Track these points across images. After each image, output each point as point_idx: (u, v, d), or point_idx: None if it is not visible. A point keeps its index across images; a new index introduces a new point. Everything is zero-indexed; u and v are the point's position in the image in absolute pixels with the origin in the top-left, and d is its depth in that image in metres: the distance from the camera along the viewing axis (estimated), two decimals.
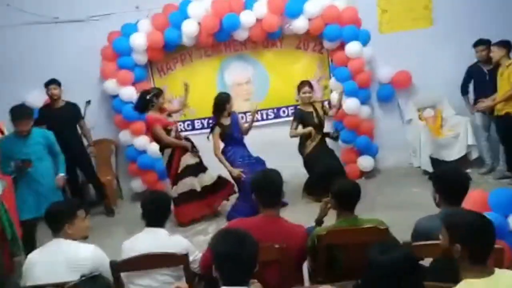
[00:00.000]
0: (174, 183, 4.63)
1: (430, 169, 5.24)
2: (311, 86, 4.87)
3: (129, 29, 5.33)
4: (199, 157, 4.71)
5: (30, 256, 2.46)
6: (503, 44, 4.62)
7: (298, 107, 4.95)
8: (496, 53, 4.63)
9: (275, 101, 5.73)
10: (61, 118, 4.84)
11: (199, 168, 4.67)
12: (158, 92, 4.61)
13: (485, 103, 4.84)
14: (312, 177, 4.86)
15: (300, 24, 5.21)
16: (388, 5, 5.57)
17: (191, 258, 2.47)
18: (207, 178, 4.69)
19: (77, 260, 2.34)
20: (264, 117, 5.77)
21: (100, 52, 5.40)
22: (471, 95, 5.26)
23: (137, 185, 5.57)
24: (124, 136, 5.49)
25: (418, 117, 5.63)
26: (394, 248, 1.59)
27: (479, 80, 5.05)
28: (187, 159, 4.61)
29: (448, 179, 2.35)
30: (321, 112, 4.87)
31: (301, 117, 4.83)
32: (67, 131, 4.82)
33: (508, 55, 4.61)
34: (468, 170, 5.21)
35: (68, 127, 4.93)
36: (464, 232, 1.71)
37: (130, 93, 5.34)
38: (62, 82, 5.39)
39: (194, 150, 4.67)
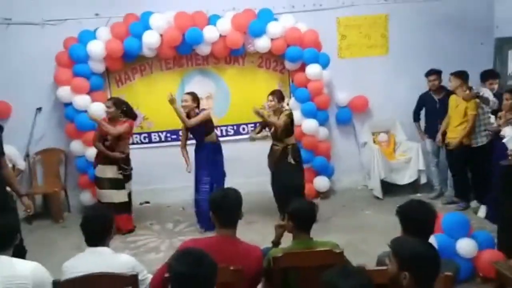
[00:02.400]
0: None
1: (379, 193, 5.39)
2: (275, 95, 4.69)
3: (87, 36, 5.16)
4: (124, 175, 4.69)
5: None
6: (459, 74, 4.81)
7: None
8: (454, 83, 4.79)
9: (236, 117, 5.72)
10: None
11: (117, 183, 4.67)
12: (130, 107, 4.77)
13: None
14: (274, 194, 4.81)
15: (262, 44, 5.26)
16: (347, 31, 5.76)
17: (139, 278, 2.35)
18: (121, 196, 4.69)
19: (15, 277, 2.16)
20: (224, 133, 5.73)
21: (54, 58, 5.17)
22: (422, 122, 5.49)
23: (87, 197, 5.32)
24: (76, 146, 5.25)
25: (372, 141, 5.80)
26: (353, 273, 1.59)
27: (430, 108, 5.29)
28: (106, 171, 4.64)
29: (415, 216, 2.26)
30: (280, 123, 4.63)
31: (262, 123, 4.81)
32: None
33: (465, 84, 4.75)
34: (418, 195, 5.44)
35: None
36: (412, 261, 1.75)
37: (84, 102, 5.14)
38: (12, 87, 5.14)
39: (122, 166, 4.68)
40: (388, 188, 5.50)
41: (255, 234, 4.05)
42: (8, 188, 3.44)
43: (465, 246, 3.34)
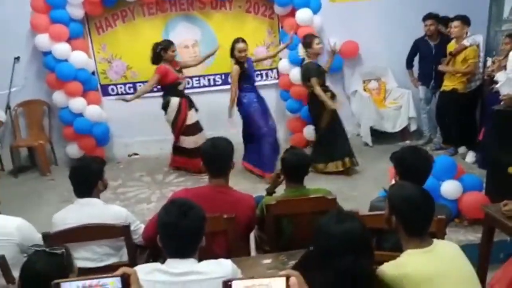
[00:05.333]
0: (182, 133, 4.69)
1: (368, 140, 5.40)
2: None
3: None
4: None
5: None
6: (466, 20, 4.61)
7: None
8: (459, 29, 4.59)
9: (224, 66, 5.53)
10: None
11: (199, 126, 4.76)
12: (166, 46, 4.53)
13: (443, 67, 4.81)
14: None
15: None
16: None
17: (131, 228, 2.32)
18: (201, 139, 4.57)
19: (1, 234, 2.11)
20: (212, 82, 5.58)
21: (30, 3, 4.85)
22: (415, 69, 5.40)
23: (73, 150, 5.21)
24: (58, 97, 5.06)
25: (363, 89, 5.72)
26: (348, 218, 1.57)
27: (425, 55, 5.17)
28: (193, 115, 4.70)
29: (410, 162, 2.21)
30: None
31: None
32: None
33: (466, 33, 4.64)
34: (407, 142, 5.47)
35: None
36: (399, 205, 1.76)
37: (64, 50, 4.90)
38: None
39: (194, 107, 4.75)
40: (378, 135, 5.51)
41: (248, 183, 4.08)
42: None
43: (450, 188, 3.41)
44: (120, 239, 2.31)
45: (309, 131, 5.48)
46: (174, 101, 4.59)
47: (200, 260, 1.72)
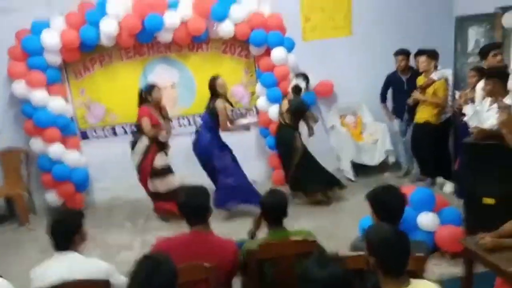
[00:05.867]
0: (153, 177, 4.59)
1: (350, 175, 5.48)
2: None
3: (40, 26, 4.87)
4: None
5: None
6: (433, 54, 4.84)
7: None
8: (426, 64, 4.81)
9: (202, 106, 5.58)
10: None
11: (170, 169, 4.70)
12: (150, 88, 4.59)
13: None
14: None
15: (226, 28, 5.14)
16: (311, 14, 5.72)
17: (112, 281, 2.27)
18: (171, 182, 4.64)
19: None
20: (192, 123, 5.61)
21: (6, 51, 4.87)
22: (389, 103, 5.57)
23: (52, 197, 5.11)
24: (36, 144, 5.01)
25: (340, 123, 5.85)
26: (330, 262, 1.60)
27: (397, 88, 5.36)
28: (163, 159, 4.64)
29: (384, 201, 2.27)
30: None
31: None
32: None
33: (435, 66, 4.85)
34: (386, 174, 5.57)
35: None
36: (375, 246, 1.80)
37: (42, 97, 4.90)
38: None
39: (165, 150, 4.72)
40: (358, 169, 5.59)
41: (229, 226, 4.04)
42: None
43: (426, 220, 3.46)
44: None
45: None
46: (143, 142, 4.54)
47: None
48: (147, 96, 4.56)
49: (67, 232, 2.33)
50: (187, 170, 4.82)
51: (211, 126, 4.66)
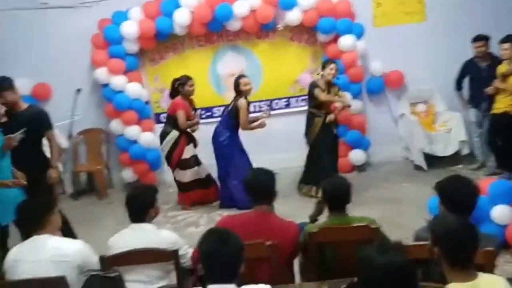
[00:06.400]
0: (180, 168, 4.71)
1: (423, 164, 5.28)
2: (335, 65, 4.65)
3: (120, 17, 5.23)
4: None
5: (11, 254, 2.39)
6: None
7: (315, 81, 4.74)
8: (510, 51, 4.49)
9: (268, 93, 5.70)
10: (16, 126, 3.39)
11: (197, 160, 4.80)
12: (184, 81, 4.61)
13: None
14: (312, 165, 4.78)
15: (294, 16, 5.15)
16: None
17: (180, 253, 2.45)
18: (202, 171, 4.82)
19: (63, 256, 2.30)
20: (257, 109, 5.72)
21: (90, 40, 5.30)
22: (465, 91, 5.26)
23: (128, 175, 5.52)
24: (115, 125, 5.42)
25: (410, 112, 5.64)
26: (392, 249, 1.59)
27: (474, 76, 5.03)
28: (191, 150, 4.72)
29: (454, 192, 2.18)
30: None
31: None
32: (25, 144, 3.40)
33: None
34: (459, 166, 5.29)
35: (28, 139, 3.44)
36: (441, 236, 1.75)
37: (121, 82, 5.27)
38: (52, 69, 5.31)
39: (194, 142, 4.81)
40: (428, 159, 5.36)
41: (290, 208, 4.11)
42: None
43: (501, 213, 3.29)
44: (170, 263, 2.44)
45: (355, 156, 5.46)
46: (173, 134, 4.62)
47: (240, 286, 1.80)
48: (180, 87, 4.59)
49: (142, 206, 2.55)
50: (252, 152, 4.89)
51: (230, 126, 4.68)
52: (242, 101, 4.57)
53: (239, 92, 4.61)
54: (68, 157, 5.65)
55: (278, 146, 5.46)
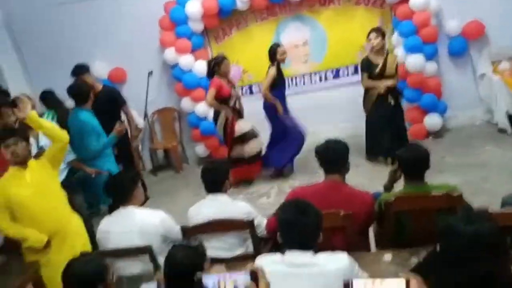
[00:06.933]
0: (239, 143, 4.71)
1: (508, 127, 4.88)
2: (378, 31, 4.51)
3: None
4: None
5: (102, 225, 2.63)
6: None
7: (366, 55, 4.64)
8: None
9: (334, 61, 5.54)
10: (99, 105, 4.07)
11: (251, 134, 4.74)
12: (220, 60, 4.57)
13: None
14: (372, 137, 4.70)
15: None
16: None
17: (254, 223, 2.53)
18: (257, 144, 4.80)
19: (149, 226, 2.49)
20: (323, 79, 5.62)
21: (157, 22, 5.48)
22: None
23: (201, 150, 5.75)
24: (185, 103, 5.63)
25: (492, 71, 5.18)
26: (479, 218, 1.51)
27: None
28: (244, 125, 4.71)
29: None
30: (390, 65, 4.52)
31: (367, 68, 4.53)
32: (104, 119, 3.99)
33: None
34: None
35: (107, 114, 4.10)
36: None
37: (189, 61, 5.43)
38: (122, 54, 5.60)
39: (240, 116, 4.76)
40: None
41: (361, 178, 4.04)
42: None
43: None
44: (246, 231, 2.54)
45: (430, 121, 5.18)
46: (222, 114, 4.60)
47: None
48: (216, 67, 4.52)
49: (218, 178, 2.68)
50: (312, 123, 4.88)
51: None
52: (271, 70, 4.59)
53: (275, 60, 4.59)
54: (145, 136, 6.01)
55: (347, 114, 5.33)
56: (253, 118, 4.92)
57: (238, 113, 4.76)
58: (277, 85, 4.67)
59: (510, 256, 1.59)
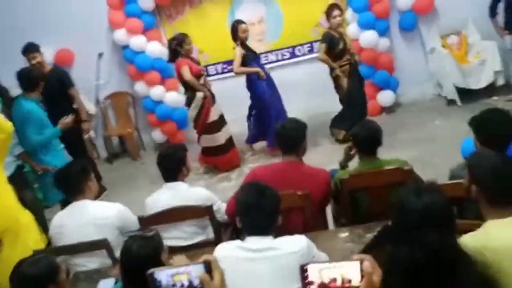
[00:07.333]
0: (206, 132, 4.51)
1: (456, 98, 5.07)
2: (340, 9, 4.56)
3: None
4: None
5: (54, 221, 2.53)
6: None
7: (328, 30, 4.62)
8: None
9: (291, 39, 5.51)
10: (48, 88, 3.86)
11: (222, 121, 4.58)
12: (182, 40, 4.29)
13: None
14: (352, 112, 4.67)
15: None
16: None
17: (214, 208, 2.51)
18: (225, 134, 4.63)
19: (103, 218, 2.41)
20: (280, 57, 5.58)
21: (106, 1, 5.21)
22: (500, 17, 4.90)
23: (158, 135, 5.61)
24: (139, 87, 5.44)
25: (441, 45, 5.34)
26: (428, 191, 1.56)
27: (511, 0, 4.67)
28: (216, 112, 4.49)
29: (491, 127, 2.10)
30: (347, 40, 4.60)
31: (330, 41, 4.49)
32: (54, 101, 4.00)
33: None
34: (494, 98, 5.05)
35: (56, 97, 4.07)
36: (480, 175, 1.68)
37: (141, 42, 5.23)
38: (72, 35, 5.30)
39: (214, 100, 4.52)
40: (462, 94, 5.14)
41: (320, 156, 4.10)
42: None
43: None
44: (205, 218, 2.51)
45: (384, 97, 5.30)
46: (199, 96, 4.32)
47: (276, 237, 1.84)
48: (178, 48, 4.25)
49: (174, 165, 2.61)
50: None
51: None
52: (238, 49, 4.44)
53: (238, 38, 4.46)
54: (99, 122, 5.78)
55: (303, 93, 5.35)
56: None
57: (213, 97, 4.50)
58: (249, 62, 4.52)
59: (457, 227, 1.65)
